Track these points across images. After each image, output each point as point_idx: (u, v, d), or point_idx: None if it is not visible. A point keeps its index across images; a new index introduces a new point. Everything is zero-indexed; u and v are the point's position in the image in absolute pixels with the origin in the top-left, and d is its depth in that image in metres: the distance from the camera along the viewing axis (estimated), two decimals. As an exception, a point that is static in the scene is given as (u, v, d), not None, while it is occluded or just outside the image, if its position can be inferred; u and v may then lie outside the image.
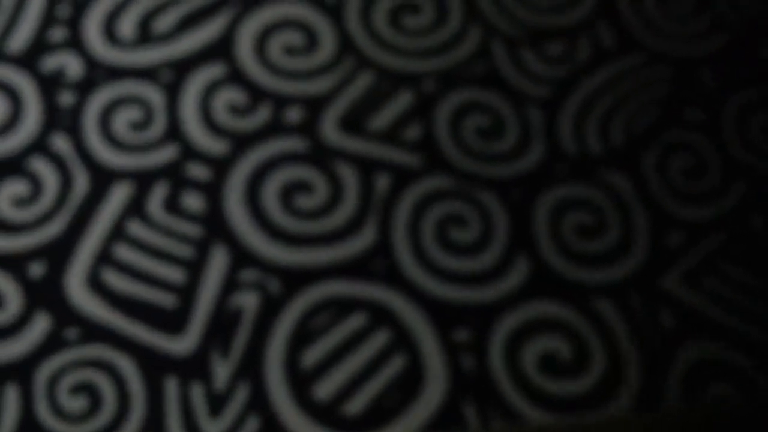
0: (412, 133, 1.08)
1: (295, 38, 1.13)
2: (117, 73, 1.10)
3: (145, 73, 1.10)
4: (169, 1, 1.14)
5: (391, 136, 1.07)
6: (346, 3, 1.15)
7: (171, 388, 0.95)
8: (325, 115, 1.08)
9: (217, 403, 0.95)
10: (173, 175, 1.04)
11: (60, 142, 1.06)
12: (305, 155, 1.06)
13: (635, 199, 1.05)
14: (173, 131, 1.07)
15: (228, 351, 0.97)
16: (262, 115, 1.08)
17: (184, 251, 1.01)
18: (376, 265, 1.01)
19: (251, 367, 0.96)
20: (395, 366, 0.97)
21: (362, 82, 1.10)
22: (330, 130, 1.07)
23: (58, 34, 1.11)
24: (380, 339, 0.98)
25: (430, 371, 0.97)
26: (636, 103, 1.10)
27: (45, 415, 0.94)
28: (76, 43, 1.11)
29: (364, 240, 1.02)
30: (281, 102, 1.09)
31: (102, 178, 1.04)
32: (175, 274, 1.00)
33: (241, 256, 1.01)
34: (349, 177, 1.05)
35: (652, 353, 0.98)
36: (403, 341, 0.98)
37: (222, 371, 0.96)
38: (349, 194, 1.04)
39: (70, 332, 0.97)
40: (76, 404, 0.94)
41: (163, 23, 1.12)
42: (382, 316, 0.99)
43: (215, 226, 1.02)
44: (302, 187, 1.05)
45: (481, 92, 1.10)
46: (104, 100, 1.08)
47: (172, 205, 1.03)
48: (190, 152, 1.06)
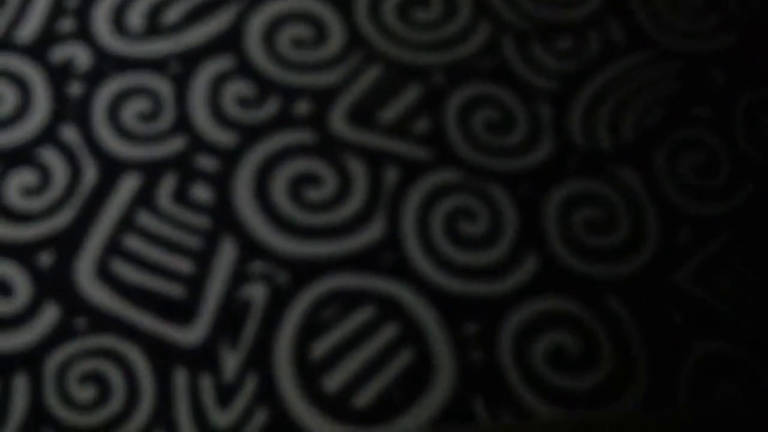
0: (422, 126, 1.08)
1: (303, 30, 1.13)
2: (126, 64, 1.09)
3: (154, 65, 1.09)
4: (179, -8, 1.14)
5: (400, 129, 1.07)
6: (356, -4, 1.15)
7: (180, 379, 0.95)
8: (333, 107, 1.08)
9: (225, 394, 0.94)
10: (182, 166, 1.04)
11: (69, 133, 1.06)
12: (314, 147, 1.06)
13: (645, 194, 1.05)
14: (182, 122, 1.07)
15: (237, 342, 0.97)
16: (270, 107, 1.08)
17: (193, 242, 1.01)
18: (384, 258, 1.01)
19: (260, 359, 0.96)
20: (404, 359, 0.97)
21: (371, 75, 1.10)
22: (339, 123, 1.07)
23: (66, 24, 1.11)
24: (389, 332, 0.98)
25: (439, 365, 0.97)
26: (645, 99, 1.10)
27: (54, 405, 0.94)
28: (84, 33, 1.11)
29: (372, 233, 1.02)
30: (290, 94, 1.09)
31: (111, 168, 1.04)
32: (183, 265, 1.00)
33: (250, 248, 1.01)
34: (358, 169, 1.05)
35: (661, 350, 0.98)
36: (412, 334, 0.98)
37: (231, 362, 0.96)
38: (357, 187, 1.04)
39: (79, 322, 0.97)
40: (85, 394, 0.94)
41: (172, 14, 1.12)
42: (390, 309, 0.99)
43: (224, 218, 1.02)
44: (311, 180, 1.05)
45: (491, 86, 1.10)
46: (113, 91, 1.08)
47: (181, 196, 1.03)
48: (198, 144, 1.05)
